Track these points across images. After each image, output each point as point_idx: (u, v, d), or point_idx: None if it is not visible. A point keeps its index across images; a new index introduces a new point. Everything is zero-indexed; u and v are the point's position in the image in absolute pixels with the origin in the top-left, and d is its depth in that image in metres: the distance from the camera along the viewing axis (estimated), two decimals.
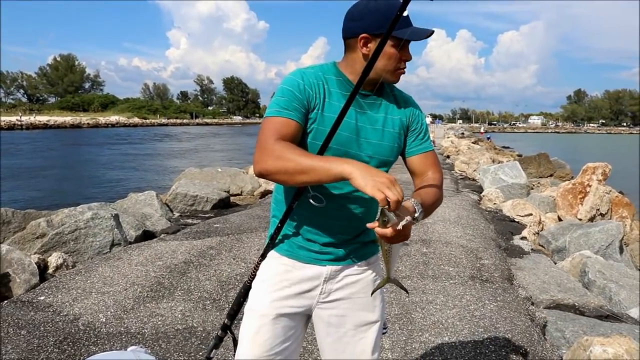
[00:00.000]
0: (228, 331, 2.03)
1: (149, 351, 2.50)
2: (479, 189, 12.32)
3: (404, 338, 3.71)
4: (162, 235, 6.75)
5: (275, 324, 1.80)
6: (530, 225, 8.22)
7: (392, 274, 1.65)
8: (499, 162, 16.35)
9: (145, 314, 3.99)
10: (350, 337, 1.87)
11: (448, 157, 24.77)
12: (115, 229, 6.06)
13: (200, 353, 3.39)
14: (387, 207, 1.38)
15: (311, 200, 1.67)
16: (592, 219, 9.08)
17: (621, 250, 7.47)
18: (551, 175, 17.80)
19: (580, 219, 9.03)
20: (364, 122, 1.75)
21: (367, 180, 1.39)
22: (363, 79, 1.59)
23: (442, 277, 5.14)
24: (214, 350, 2.12)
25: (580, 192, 9.60)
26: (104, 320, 3.85)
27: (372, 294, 1.83)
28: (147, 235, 6.77)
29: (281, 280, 1.83)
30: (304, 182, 1.54)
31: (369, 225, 1.48)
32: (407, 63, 1.73)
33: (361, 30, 1.67)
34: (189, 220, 8.03)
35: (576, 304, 4.85)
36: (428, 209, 1.67)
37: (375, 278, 1.90)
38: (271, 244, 1.84)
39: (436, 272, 5.28)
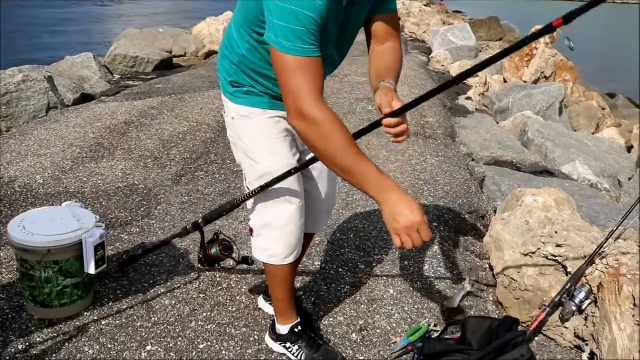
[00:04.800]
0: (199, 231, 2.12)
1: (85, 206, 2.46)
2: (428, 51, 12.16)
3: (346, 190, 3.77)
4: (102, 97, 6.49)
5: (300, 179, 1.87)
6: (476, 87, 8.29)
7: None
8: (449, 25, 16.10)
9: (84, 174, 3.91)
10: (328, 170, 2.03)
11: (399, 19, 24.18)
12: (50, 92, 5.77)
13: (142, 209, 3.37)
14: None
15: None
16: (536, 82, 9.22)
17: (560, 112, 7.70)
18: (500, 39, 17.74)
19: (525, 81, 9.15)
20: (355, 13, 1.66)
21: (390, 221, 1.40)
22: None
23: (385, 133, 5.17)
24: (176, 239, 2.21)
25: (527, 55, 9.63)
26: (41, 181, 3.75)
27: None
28: (86, 98, 6.49)
29: (279, 132, 1.80)
30: (333, 170, 1.50)
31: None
32: None
33: None
34: (130, 82, 7.73)
35: (514, 160, 5.04)
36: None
37: None
38: (239, 96, 1.78)
39: (380, 128, 5.31)
